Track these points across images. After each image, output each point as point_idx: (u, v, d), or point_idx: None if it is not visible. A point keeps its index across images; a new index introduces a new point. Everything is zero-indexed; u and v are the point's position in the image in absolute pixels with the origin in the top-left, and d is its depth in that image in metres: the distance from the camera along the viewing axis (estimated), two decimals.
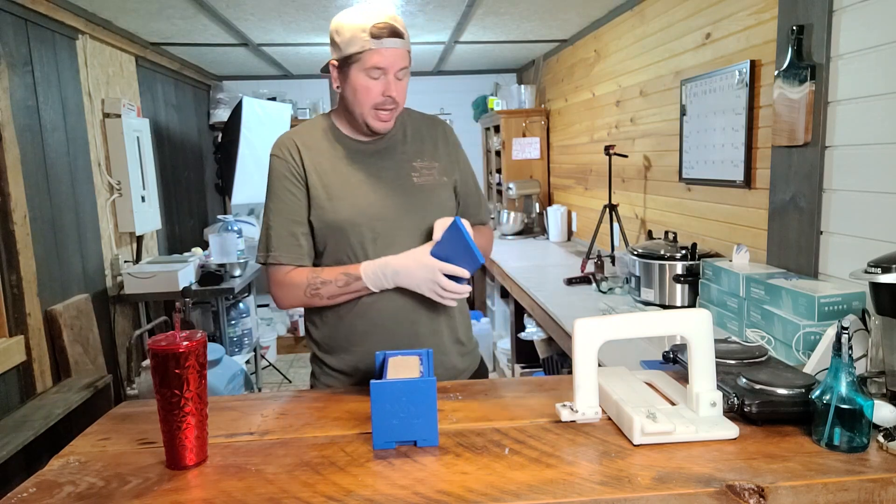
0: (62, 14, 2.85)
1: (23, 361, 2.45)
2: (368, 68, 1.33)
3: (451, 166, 1.53)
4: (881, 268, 1.18)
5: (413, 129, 1.52)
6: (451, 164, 1.53)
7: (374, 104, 1.37)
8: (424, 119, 1.56)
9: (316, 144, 1.45)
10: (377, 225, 1.40)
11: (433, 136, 1.53)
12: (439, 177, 1.49)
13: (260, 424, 1.19)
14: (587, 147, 3.96)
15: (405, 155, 1.48)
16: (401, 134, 1.50)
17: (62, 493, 0.95)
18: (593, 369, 1.11)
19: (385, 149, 1.47)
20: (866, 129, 1.65)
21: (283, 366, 4.94)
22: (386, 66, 1.33)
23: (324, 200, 1.41)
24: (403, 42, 1.35)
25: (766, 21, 2.08)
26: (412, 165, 1.47)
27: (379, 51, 1.32)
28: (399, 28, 1.34)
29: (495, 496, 0.90)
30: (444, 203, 1.49)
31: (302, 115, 5.26)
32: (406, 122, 1.52)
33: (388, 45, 1.32)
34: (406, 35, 1.36)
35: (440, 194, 1.48)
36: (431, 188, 1.47)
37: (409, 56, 1.38)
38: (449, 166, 1.52)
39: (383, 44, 1.32)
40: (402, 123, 1.51)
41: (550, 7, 3.31)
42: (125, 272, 3.29)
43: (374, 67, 1.33)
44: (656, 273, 2.29)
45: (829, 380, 1.02)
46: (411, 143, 1.50)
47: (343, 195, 1.41)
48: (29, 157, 2.58)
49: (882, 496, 0.92)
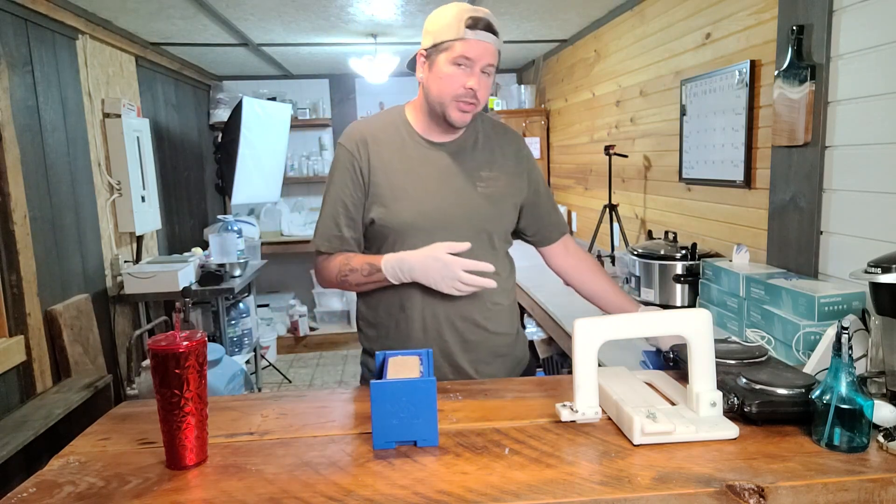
0: (62, 14, 2.85)
1: (23, 361, 2.45)
2: (457, 56, 1.33)
3: (519, 181, 1.51)
4: (881, 268, 1.18)
5: (485, 137, 1.50)
6: (518, 178, 1.51)
7: (455, 95, 1.35)
8: (497, 128, 1.55)
9: (387, 139, 1.44)
10: (436, 231, 1.39)
11: (504, 147, 1.51)
12: (504, 189, 1.47)
13: (260, 424, 1.19)
14: (587, 147, 3.96)
15: (474, 162, 1.46)
16: (472, 140, 1.48)
17: (62, 493, 0.95)
18: (593, 369, 1.11)
19: (455, 153, 1.45)
20: (866, 129, 1.65)
21: (283, 366, 4.94)
22: (474, 58, 1.33)
23: (388, 199, 1.41)
24: (496, 39, 1.36)
25: (766, 21, 2.08)
26: (479, 174, 1.45)
27: (471, 41, 1.33)
28: (494, 25, 1.35)
29: (495, 496, 0.90)
30: (504, 217, 1.48)
31: (302, 116, 5.26)
32: (479, 129, 1.50)
33: (480, 36, 1.33)
34: (499, 34, 1.37)
35: (502, 207, 1.47)
36: (495, 200, 1.45)
37: (498, 55, 1.38)
38: (517, 180, 1.50)
39: (478, 35, 1.33)
40: (474, 129, 1.49)
41: (550, 7, 3.31)
42: (125, 272, 3.29)
43: (462, 56, 1.33)
44: (656, 273, 2.29)
45: (829, 380, 1.02)
46: (482, 150, 1.48)
47: (408, 196, 1.40)
48: (29, 157, 2.58)
49: (882, 496, 0.92)
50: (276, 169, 4.62)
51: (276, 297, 5.45)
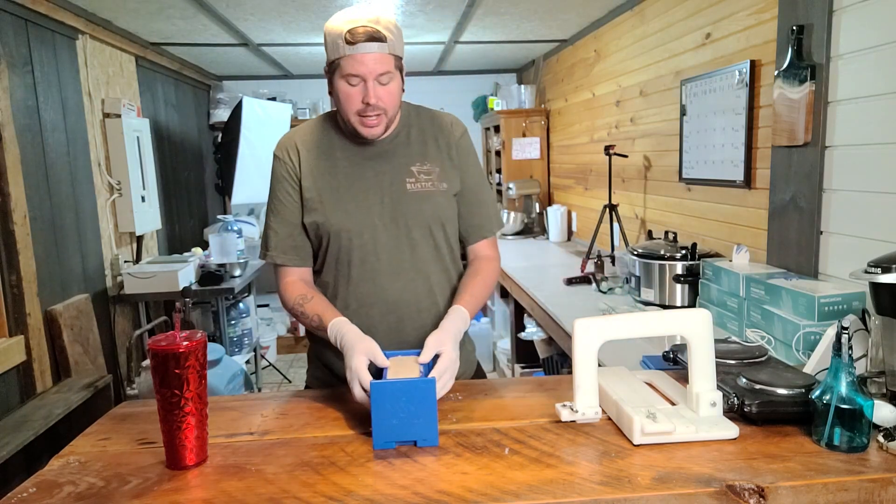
0: (62, 14, 2.85)
1: (23, 361, 2.45)
2: (346, 75, 1.29)
3: (453, 171, 1.44)
4: (881, 268, 1.18)
5: (418, 130, 1.45)
6: (452, 168, 1.44)
7: (356, 111, 1.32)
8: (434, 119, 1.48)
9: (316, 145, 1.43)
10: (364, 232, 1.38)
11: (438, 138, 1.45)
12: (438, 183, 1.42)
13: (260, 424, 1.19)
14: (587, 147, 3.96)
15: (405, 158, 1.42)
16: (404, 135, 1.44)
17: (62, 493, 0.95)
18: (593, 369, 1.11)
19: (385, 151, 1.42)
20: (866, 129, 1.65)
21: (283, 366, 4.94)
22: (363, 73, 1.28)
23: (316, 203, 1.40)
24: (383, 46, 1.27)
25: (766, 21, 2.08)
26: (409, 170, 1.41)
27: (353, 57, 1.27)
28: (379, 31, 1.27)
29: (495, 496, 0.90)
30: (437, 212, 1.41)
31: (302, 115, 5.26)
32: (412, 123, 1.46)
33: (362, 50, 1.26)
34: (389, 37, 1.28)
35: (435, 202, 1.41)
36: (425, 196, 1.40)
37: (392, 60, 1.30)
38: (451, 171, 1.44)
39: (357, 49, 1.26)
40: (406, 123, 1.45)
41: (550, 7, 3.31)
42: (125, 272, 3.29)
43: (350, 74, 1.29)
44: (656, 273, 2.29)
45: (829, 380, 1.02)
46: (414, 144, 1.44)
47: (335, 200, 1.39)
48: (29, 157, 2.58)
49: (882, 496, 0.92)
50: None
51: (275, 297, 5.40)
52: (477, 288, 1.43)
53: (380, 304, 1.40)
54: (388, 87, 1.32)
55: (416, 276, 1.41)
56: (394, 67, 1.32)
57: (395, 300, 1.40)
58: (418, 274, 1.41)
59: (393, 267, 1.40)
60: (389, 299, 1.40)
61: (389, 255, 1.39)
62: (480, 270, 1.47)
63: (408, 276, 1.41)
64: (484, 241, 1.52)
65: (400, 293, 1.40)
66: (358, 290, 1.41)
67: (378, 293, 1.40)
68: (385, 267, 1.40)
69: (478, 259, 1.51)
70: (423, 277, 1.42)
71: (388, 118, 1.36)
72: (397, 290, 1.40)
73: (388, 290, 1.40)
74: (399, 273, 1.40)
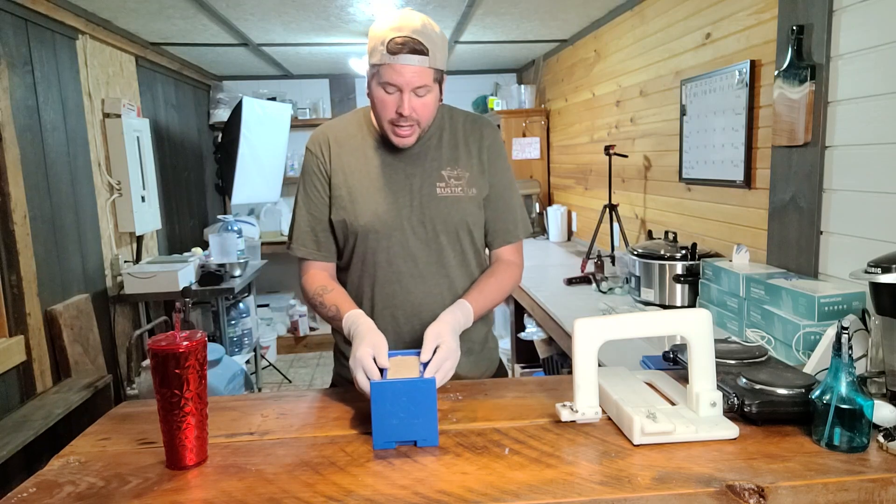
0: (62, 14, 2.85)
1: (23, 361, 2.45)
2: (383, 83, 1.29)
3: (482, 176, 1.44)
4: (881, 268, 1.18)
5: (451, 134, 1.45)
6: (482, 173, 1.44)
7: (389, 119, 1.32)
8: (467, 122, 1.47)
9: (349, 140, 1.43)
10: (392, 234, 1.39)
11: (469, 142, 1.44)
12: (467, 188, 1.41)
13: (260, 424, 1.19)
14: (587, 147, 3.96)
15: (436, 162, 1.42)
16: (436, 138, 1.44)
17: (62, 493, 0.95)
18: (593, 369, 1.11)
19: (417, 154, 1.42)
20: (866, 129, 1.65)
21: (283, 366, 4.94)
22: (400, 84, 1.27)
23: (346, 202, 1.40)
24: (423, 59, 1.26)
25: (766, 21, 2.08)
26: (440, 174, 1.41)
27: (392, 66, 1.26)
28: (421, 44, 1.25)
29: (495, 496, 0.90)
30: (465, 218, 1.41)
31: (302, 116, 5.26)
32: (445, 125, 1.45)
33: (402, 61, 1.25)
34: (431, 49, 1.27)
35: (463, 208, 1.41)
36: (454, 201, 1.40)
37: (431, 73, 1.29)
38: (480, 176, 1.43)
39: (397, 60, 1.25)
40: (440, 126, 1.45)
41: (550, 7, 3.31)
42: (125, 272, 3.29)
43: (387, 83, 1.28)
44: (656, 273, 2.29)
45: (829, 380, 1.02)
46: (446, 148, 1.43)
47: (365, 199, 1.39)
48: (29, 157, 2.58)
49: (882, 496, 0.92)
50: (276, 169, 4.62)
51: (276, 297, 5.45)
52: (489, 287, 1.43)
53: (405, 306, 1.41)
54: (424, 99, 1.31)
55: (441, 281, 1.42)
56: (432, 81, 1.31)
57: (419, 303, 1.41)
58: (444, 278, 1.42)
59: (419, 270, 1.40)
60: (414, 302, 1.41)
61: (416, 259, 1.39)
62: (497, 272, 1.47)
63: (433, 279, 1.41)
64: (508, 247, 1.50)
65: (424, 296, 1.41)
66: (383, 290, 1.41)
67: (403, 295, 1.41)
68: (411, 269, 1.40)
69: (498, 262, 1.51)
70: (447, 282, 1.42)
71: (421, 129, 1.36)
72: (421, 294, 1.41)
73: (412, 293, 1.41)
74: (424, 276, 1.41)
